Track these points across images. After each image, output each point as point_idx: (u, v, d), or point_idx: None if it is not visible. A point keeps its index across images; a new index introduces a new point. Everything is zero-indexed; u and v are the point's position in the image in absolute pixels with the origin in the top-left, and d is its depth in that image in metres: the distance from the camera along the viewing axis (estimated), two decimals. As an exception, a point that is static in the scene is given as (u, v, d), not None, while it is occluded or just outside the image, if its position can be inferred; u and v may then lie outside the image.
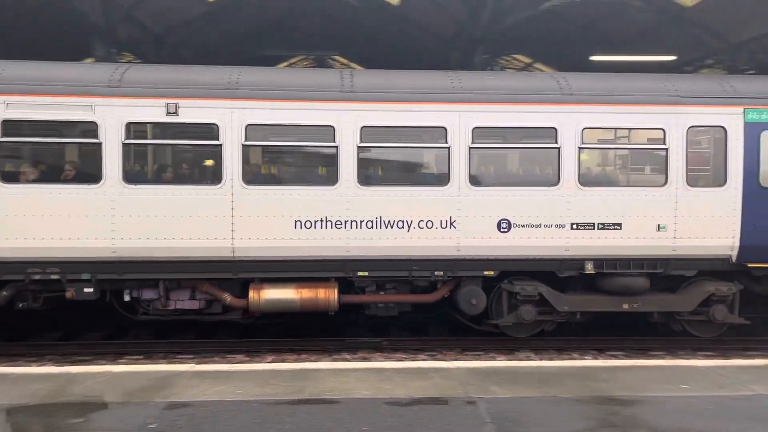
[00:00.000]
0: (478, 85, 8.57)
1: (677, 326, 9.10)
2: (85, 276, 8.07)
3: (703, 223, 8.61)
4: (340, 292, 8.52)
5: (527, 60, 19.39)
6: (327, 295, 8.43)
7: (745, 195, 8.71)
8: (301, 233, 8.13)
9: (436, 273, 8.49)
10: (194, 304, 8.62)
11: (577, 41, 15.20)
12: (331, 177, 8.23)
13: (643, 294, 8.77)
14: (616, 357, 8.18)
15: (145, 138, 8.47)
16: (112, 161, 7.92)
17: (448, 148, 8.27)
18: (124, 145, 7.97)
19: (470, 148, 8.26)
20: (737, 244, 8.70)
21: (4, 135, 7.86)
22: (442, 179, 8.38)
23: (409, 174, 9.07)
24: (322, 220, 8.13)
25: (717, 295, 8.81)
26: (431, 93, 8.37)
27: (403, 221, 8.25)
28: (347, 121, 8.13)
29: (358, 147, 8.15)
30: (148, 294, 8.49)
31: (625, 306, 8.81)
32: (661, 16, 13.87)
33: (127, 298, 8.47)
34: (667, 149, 8.61)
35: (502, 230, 8.36)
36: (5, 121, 7.85)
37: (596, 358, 7.89)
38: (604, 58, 14.93)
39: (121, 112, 7.94)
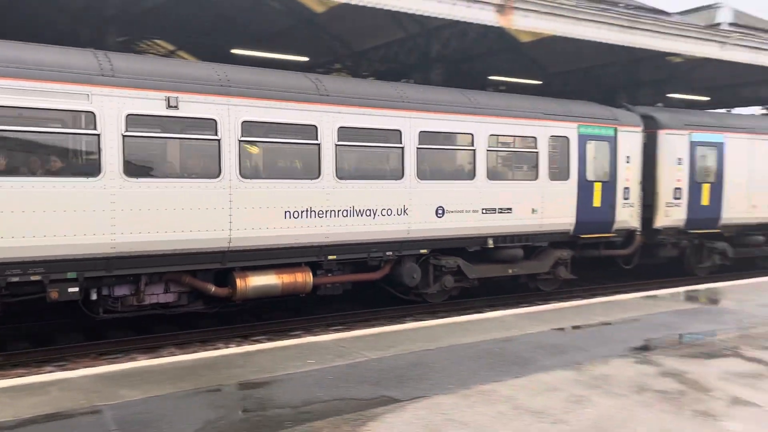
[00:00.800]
0: (424, 97, 10.37)
1: (533, 284, 11.92)
2: (71, 275, 7.56)
3: (557, 207, 11.56)
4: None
5: (170, 47, 18.72)
6: (304, 278, 9.22)
7: (579, 186, 11.89)
8: (290, 222, 8.92)
9: (387, 253, 9.94)
10: (169, 298, 8.68)
11: (218, 32, 15.27)
12: (314, 171, 9.14)
13: (519, 261, 11.35)
14: (259, 342, 8.52)
15: (146, 131, 8.16)
16: (111, 153, 7.63)
17: (402, 148, 9.89)
18: (125, 137, 7.69)
19: (417, 149, 9.99)
20: (574, 221, 11.82)
21: None
22: (398, 174, 9.91)
23: (375, 170, 10.48)
24: (306, 211, 9.04)
25: (561, 259, 11.91)
26: (387, 100, 9.85)
27: (370, 210, 9.66)
28: (327, 122, 9.12)
29: (336, 145, 9.21)
30: (120, 290, 8.28)
31: (510, 271, 11.39)
32: (296, 19, 14.82)
33: (94, 296, 8.02)
34: (538, 152, 11.42)
35: (438, 215, 10.26)
36: None
37: (240, 345, 8.09)
38: (245, 52, 15.33)
39: (120, 103, 7.67)
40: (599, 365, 5.78)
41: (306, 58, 16.40)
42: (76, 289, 7.68)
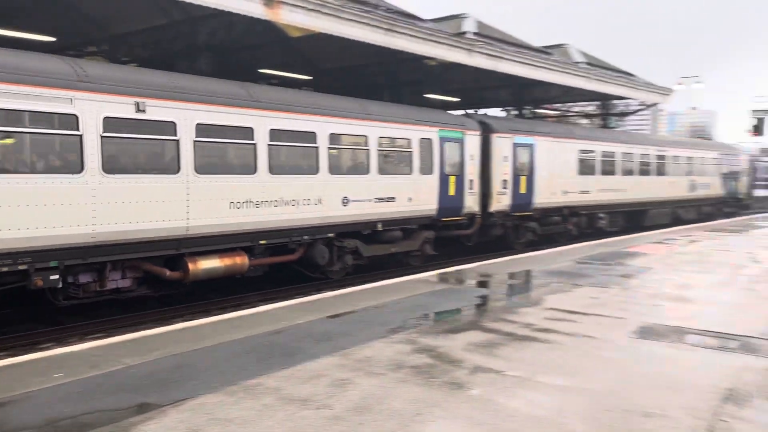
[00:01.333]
0: (331, 105, 12.32)
1: (406, 260, 14.36)
2: (53, 263, 8.22)
3: (425, 196, 14.10)
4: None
5: None
6: (242, 261, 10.50)
7: (440, 179, 14.51)
8: (233, 212, 10.29)
9: (305, 237, 11.55)
10: (126, 283, 9.43)
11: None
12: (252, 167, 10.59)
13: (398, 242, 13.70)
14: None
15: (119, 132, 8.91)
16: (92, 153, 8.53)
17: (317, 147, 11.67)
18: (102, 137, 8.61)
19: (329, 148, 11.88)
20: (437, 207, 14.44)
21: None
22: (314, 170, 11.66)
23: (298, 166, 11.63)
24: (246, 201, 10.46)
25: (427, 238, 14.55)
26: (305, 107, 11.62)
27: (295, 200, 11.25)
28: (259, 125, 10.58)
29: (268, 145, 10.76)
30: (84, 278, 8.99)
31: (392, 249, 13.72)
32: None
33: (60, 284, 8.42)
34: (412, 152, 13.92)
35: (344, 204, 12.17)
36: None
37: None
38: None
39: (98, 107, 8.55)
40: (362, 348, 6.11)
41: (52, 38, 14.68)
42: (57, 277, 8.27)
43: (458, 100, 28.54)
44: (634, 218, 22.74)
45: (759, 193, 40.24)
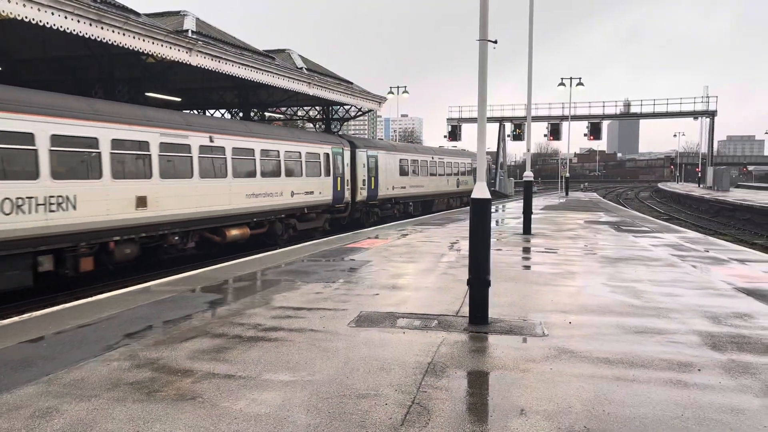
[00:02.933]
0: (292, 134, 21.95)
1: (313, 234, 20.67)
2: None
3: (327, 190, 21.75)
4: None
5: None
6: (246, 231, 17.73)
7: (333, 179, 22.43)
8: (248, 200, 17.22)
9: (271, 217, 18.84)
10: (192, 244, 15.78)
11: None
12: (258, 173, 18.13)
13: (313, 220, 21.21)
14: None
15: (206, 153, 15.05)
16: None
17: (280, 160, 19.42)
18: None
19: (285, 161, 19.56)
20: (332, 198, 22.36)
21: None
22: (278, 173, 19.27)
23: (275, 171, 19.29)
24: (252, 194, 17.55)
25: (327, 219, 22.36)
26: (294, 138, 20.84)
27: (271, 194, 18.80)
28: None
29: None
30: (178, 240, 15.05)
31: (311, 226, 21.11)
32: None
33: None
34: (320, 162, 22.00)
35: (291, 196, 19.68)
36: None
37: None
38: None
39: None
40: (72, 371, 5.53)
41: None
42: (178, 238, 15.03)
43: (180, 100, 27.47)
44: (427, 205, 33.42)
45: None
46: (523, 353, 6.07)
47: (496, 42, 7.32)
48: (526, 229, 17.98)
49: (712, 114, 60.93)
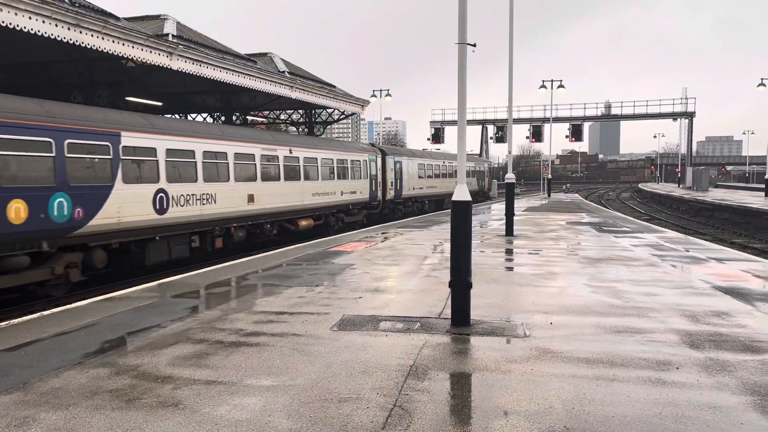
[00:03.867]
0: (342, 145, 27.75)
1: (352, 227, 24.69)
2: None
3: (365, 190, 26.69)
4: None
5: None
6: (311, 222, 21.94)
7: (369, 181, 27.29)
8: (313, 199, 21.96)
9: (325, 212, 22.85)
10: (275, 232, 20.19)
11: None
12: (322, 176, 23.05)
13: (354, 215, 25.80)
14: None
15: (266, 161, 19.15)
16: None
17: (333, 167, 23.57)
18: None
19: (338, 168, 24.17)
20: (368, 197, 27.06)
21: None
22: (334, 177, 23.81)
23: (332, 175, 23.85)
24: (316, 193, 22.37)
25: (365, 214, 26.90)
26: (332, 148, 25.14)
27: (327, 193, 23.30)
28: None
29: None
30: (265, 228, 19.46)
31: (354, 219, 25.85)
32: None
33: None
34: (361, 168, 26.68)
35: (341, 195, 24.22)
36: None
37: None
38: None
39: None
40: (50, 379, 5.46)
41: None
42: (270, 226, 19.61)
43: (162, 104, 27.28)
44: (439, 203, 37.16)
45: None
46: (504, 354, 6.11)
47: (474, 45, 7.36)
48: (509, 230, 18.08)
49: (690, 115, 61.76)
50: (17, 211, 10.73)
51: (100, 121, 12.88)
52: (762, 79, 44.23)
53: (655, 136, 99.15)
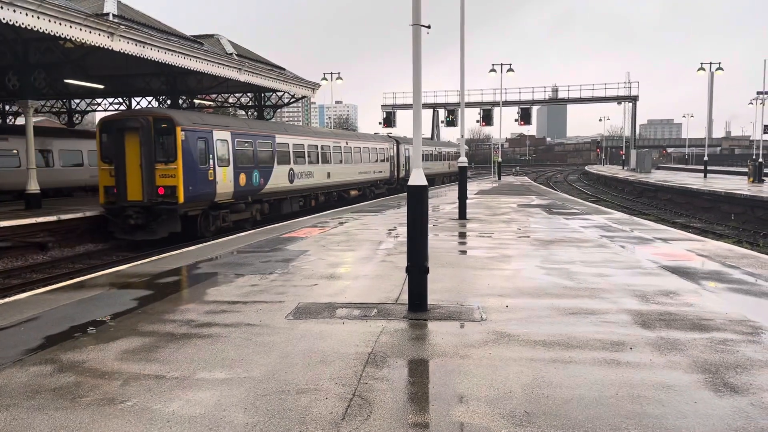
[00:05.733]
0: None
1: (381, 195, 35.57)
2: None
3: (386, 170, 38.05)
4: None
5: None
6: (357, 193, 33.45)
7: (389, 164, 38.83)
8: (359, 175, 33.50)
9: (364, 186, 34.00)
10: (335, 198, 30.66)
11: None
12: (363, 160, 35.19)
13: (380, 188, 36.98)
14: None
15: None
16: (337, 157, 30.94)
17: (351, 152, 32.40)
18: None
19: (353, 153, 31.94)
20: (389, 175, 38.53)
21: None
22: (368, 160, 34.92)
23: (365, 160, 34.29)
24: (361, 172, 34.05)
25: (387, 188, 38.28)
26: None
27: (364, 172, 33.98)
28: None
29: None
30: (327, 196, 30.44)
31: (380, 191, 36.50)
32: None
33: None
34: (385, 154, 38.87)
35: (372, 173, 35.89)
36: None
37: None
38: None
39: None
40: (-13, 379, 5.14)
41: None
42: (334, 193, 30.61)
43: (103, 87, 26.24)
44: (431, 181, 39.98)
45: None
46: (462, 339, 6.09)
47: (429, 27, 7.25)
48: (462, 214, 18.19)
49: (634, 99, 63.44)
50: (241, 179, 20.43)
51: (267, 129, 23.47)
52: (701, 63, 45.65)
53: (600, 120, 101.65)
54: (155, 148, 16.95)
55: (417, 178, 7.00)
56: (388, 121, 54.28)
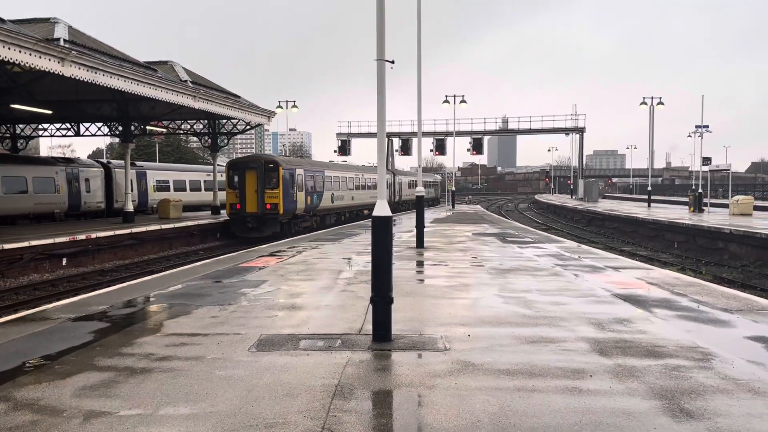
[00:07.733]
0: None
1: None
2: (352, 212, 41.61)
3: (385, 195, 26.08)
4: None
5: None
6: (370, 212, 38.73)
7: (389, 190, 49.81)
8: (369, 200, 44.21)
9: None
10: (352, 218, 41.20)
11: None
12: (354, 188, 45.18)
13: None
14: None
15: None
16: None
17: (368, 184, 45.69)
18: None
19: (370, 184, 45.06)
20: (388, 198, 38.69)
21: None
22: (369, 189, 45.77)
23: (367, 188, 46.17)
24: (372, 196, 43.91)
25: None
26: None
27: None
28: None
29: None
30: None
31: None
32: None
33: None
34: (388, 183, 50.84)
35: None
36: None
37: None
38: None
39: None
40: (-65, 420, 4.89)
41: None
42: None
43: (51, 113, 25.59)
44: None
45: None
46: (427, 369, 6.14)
47: (393, 62, 7.42)
48: (420, 242, 18.37)
49: (581, 130, 65.61)
50: (308, 200, 31.44)
51: (319, 166, 35.95)
52: (644, 97, 47.73)
53: (549, 150, 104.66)
54: (266, 179, 27.82)
55: (381, 209, 7.09)
56: (343, 149, 54.57)
